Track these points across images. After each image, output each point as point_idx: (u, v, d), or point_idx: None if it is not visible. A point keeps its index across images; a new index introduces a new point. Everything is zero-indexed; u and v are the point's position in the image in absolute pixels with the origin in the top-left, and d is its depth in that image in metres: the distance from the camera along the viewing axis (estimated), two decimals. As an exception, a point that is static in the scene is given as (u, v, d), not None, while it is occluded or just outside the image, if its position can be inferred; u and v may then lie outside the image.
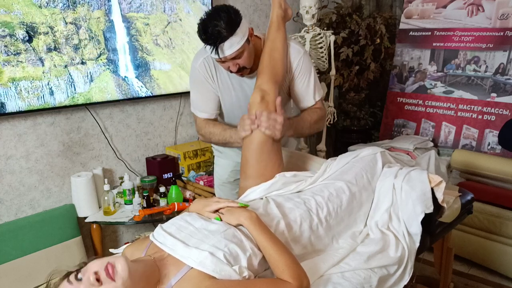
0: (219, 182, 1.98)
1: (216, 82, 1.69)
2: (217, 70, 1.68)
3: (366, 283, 1.20)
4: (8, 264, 1.97)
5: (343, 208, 1.37)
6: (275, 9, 1.68)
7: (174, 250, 1.08)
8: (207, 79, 1.69)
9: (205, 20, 1.45)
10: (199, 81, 1.70)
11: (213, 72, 1.68)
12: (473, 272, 2.52)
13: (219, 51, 1.46)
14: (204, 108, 1.74)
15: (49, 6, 2.06)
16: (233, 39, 1.44)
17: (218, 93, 1.72)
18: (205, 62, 1.67)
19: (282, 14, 1.68)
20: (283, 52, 1.61)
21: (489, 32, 2.90)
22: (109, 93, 2.36)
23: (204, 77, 1.68)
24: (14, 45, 1.99)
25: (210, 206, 1.24)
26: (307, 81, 1.67)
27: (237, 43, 1.46)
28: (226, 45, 1.45)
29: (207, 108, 1.73)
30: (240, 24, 1.46)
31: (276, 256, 1.09)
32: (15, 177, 2.13)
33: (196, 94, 1.75)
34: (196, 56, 1.72)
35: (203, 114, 1.74)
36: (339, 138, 3.83)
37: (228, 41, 1.44)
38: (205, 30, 1.44)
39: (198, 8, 2.63)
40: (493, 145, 2.80)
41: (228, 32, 1.43)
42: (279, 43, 1.61)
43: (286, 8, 1.71)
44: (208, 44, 1.47)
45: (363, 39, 3.37)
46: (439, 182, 1.43)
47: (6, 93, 1.99)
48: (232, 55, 1.48)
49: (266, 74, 1.55)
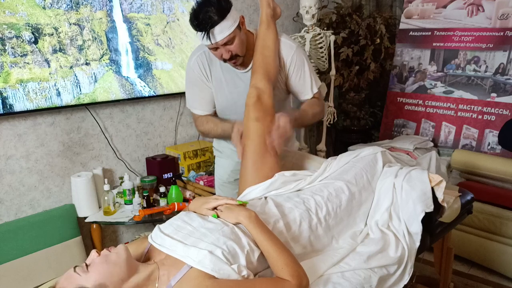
0: (220, 182, 1.99)
1: (209, 78, 1.73)
2: (211, 66, 1.71)
3: (366, 283, 1.20)
4: (8, 264, 1.97)
5: (342, 208, 1.37)
6: (264, 9, 1.72)
7: (173, 250, 1.08)
8: (201, 77, 1.72)
9: (196, 8, 1.49)
10: (194, 79, 1.74)
11: (206, 69, 1.71)
12: (473, 272, 2.51)
13: (211, 36, 1.49)
14: (198, 106, 1.79)
15: (53, 7, 2.07)
16: (223, 23, 1.47)
17: (212, 89, 1.75)
18: (198, 60, 1.70)
19: (271, 13, 1.71)
20: (275, 50, 1.64)
21: (489, 32, 2.89)
22: (113, 93, 2.36)
23: (198, 74, 1.72)
24: (21, 46, 2.00)
25: (209, 203, 1.25)
26: (303, 75, 1.72)
27: (228, 28, 1.49)
28: (217, 30, 1.48)
29: (202, 106, 1.79)
30: (230, 10, 1.49)
31: (275, 254, 1.10)
32: (15, 177, 2.13)
33: (190, 91, 1.80)
34: (190, 55, 1.76)
35: (198, 111, 1.80)
36: (339, 138, 3.83)
37: (219, 26, 1.47)
38: (197, 17, 1.48)
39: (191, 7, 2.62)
40: (493, 145, 2.80)
41: (218, 17, 1.46)
42: (270, 41, 1.64)
43: (274, 6, 1.73)
44: (199, 30, 1.50)
45: (363, 39, 3.37)
46: (440, 181, 1.43)
47: (14, 94, 2.00)
48: (223, 41, 1.51)
49: (260, 73, 1.58)
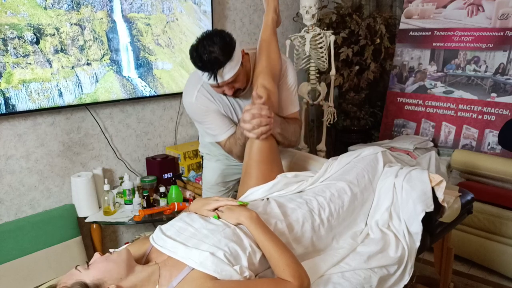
0: (207, 186, 1.97)
1: (217, 103, 1.66)
2: (213, 95, 1.64)
3: (366, 283, 1.21)
4: (8, 264, 1.97)
5: (345, 208, 1.37)
6: (270, 13, 1.70)
7: (174, 252, 1.08)
8: (209, 105, 1.64)
9: (199, 48, 1.41)
10: (203, 111, 1.65)
11: (211, 98, 1.64)
12: (473, 272, 2.52)
13: (218, 77, 1.43)
14: (220, 130, 1.66)
15: (54, 8, 2.07)
16: (230, 64, 1.42)
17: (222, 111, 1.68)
18: (200, 94, 1.63)
19: (276, 19, 1.71)
20: (279, 54, 1.63)
21: (489, 32, 2.90)
22: (114, 93, 2.36)
23: (206, 106, 1.64)
24: (23, 47, 1.99)
25: (209, 205, 1.25)
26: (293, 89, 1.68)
27: (234, 68, 1.44)
28: (225, 71, 1.42)
29: (222, 128, 1.65)
30: (235, 48, 1.43)
31: (276, 255, 1.10)
32: (15, 177, 2.13)
33: (206, 124, 1.68)
34: (187, 92, 1.67)
35: (223, 136, 1.66)
36: (339, 138, 3.83)
37: (226, 66, 1.41)
38: (201, 58, 1.40)
39: (189, 7, 2.62)
40: (493, 145, 2.80)
41: (225, 58, 1.40)
42: (275, 45, 1.64)
43: (278, 14, 1.73)
44: (205, 71, 1.43)
45: (363, 39, 3.37)
46: (440, 181, 1.44)
47: (17, 95, 2.00)
48: (229, 80, 1.46)
49: (266, 73, 1.56)
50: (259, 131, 1.40)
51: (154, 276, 1.05)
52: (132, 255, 1.09)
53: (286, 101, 1.67)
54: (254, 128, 1.40)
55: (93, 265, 1.02)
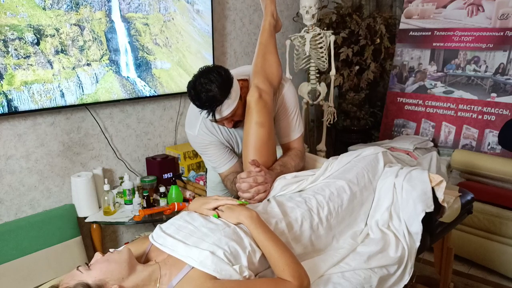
0: (212, 185, 1.98)
1: (219, 135, 1.68)
2: (214, 127, 1.66)
3: (366, 283, 1.21)
4: (8, 264, 1.97)
5: (344, 207, 1.37)
6: (268, 17, 1.71)
7: (174, 250, 1.08)
8: (211, 140, 1.66)
9: (196, 85, 1.41)
10: (205, 146, 1.68)
11: (213, 132, 1.66)
12: (473, 272, 2.51)
13: (216, 114, 1.44)
14: (221, 161, 1.68)
15: (53, 8, 2.06)
16: (228, 101, 1.43)
17: (225, 142, 1.70)
18: (201, 128, 1.65)
19: (274, 23, 1.71)
20: (277, 56, 1.63)
21: (489, 32, 2.90)
22: (115, 93, 2.36)
23: (209, 140, 1.66)
24: (24, 48, 1.99)
25: (209, 204, 1.25)
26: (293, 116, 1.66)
27: (232, 104, 1.45)
28: (223, 108, 1.43)
29: (224, 160, 1.68)
30: (233, 84, 1.44)
31: (276, 255, 1.09)
32: (15, 177, 2.13)
33: (209, 156, 1.70)
34: (190, 124, 1.69)
35: (225, 167, 1.69)
36: (339, 138, 3.83)
37: (224, 104, 1.42)
38: (198, 96, 1.41)
39: (182, 6, 2.62)
40: (493, 145, 2.80)
41: (223, 95, 1.41)
42: (273, 48, 1.64)
43: (277, 19, 1.73)
44: (203, 109, 1.44)
45: (363, 39, 3.37)
46: (440, 181, 1.44)
47: (19, 96, 2.00)
48: (228, 116, 1.47)
49: (261, 74, 1.56)
50: (258, 198, 1.44)
51: (154, 275, 1.05)
52: (133, 254, 1.08)
53: (286, 128, 1.67)
54: (254, 196, 1.43)
55: (95, 266, 1.02)
